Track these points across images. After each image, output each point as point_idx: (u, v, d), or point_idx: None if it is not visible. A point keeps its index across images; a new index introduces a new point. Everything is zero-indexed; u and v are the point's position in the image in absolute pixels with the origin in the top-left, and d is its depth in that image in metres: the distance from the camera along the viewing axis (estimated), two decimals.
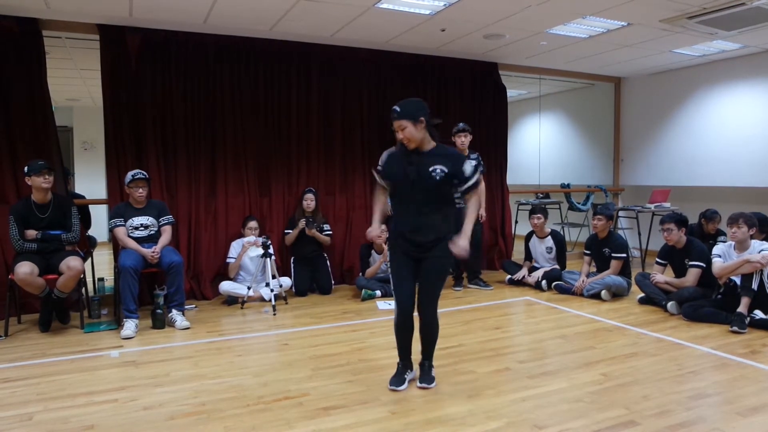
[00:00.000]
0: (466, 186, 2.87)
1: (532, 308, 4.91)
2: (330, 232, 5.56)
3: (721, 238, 5.46)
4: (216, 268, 5.34)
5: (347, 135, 5.95)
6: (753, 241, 4.23)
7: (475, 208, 2.89)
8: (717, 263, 4.31)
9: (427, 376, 3.04)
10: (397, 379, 3.01)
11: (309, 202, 5.42)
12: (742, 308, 4.05)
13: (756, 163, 6.32)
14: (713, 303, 4.37)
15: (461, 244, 2.80)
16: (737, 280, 4.21)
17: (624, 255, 5.18)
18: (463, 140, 5.28)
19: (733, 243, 4.29)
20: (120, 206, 4.53)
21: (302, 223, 5.35)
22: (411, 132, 2.83)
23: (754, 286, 4.06)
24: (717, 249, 4.42)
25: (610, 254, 5.20)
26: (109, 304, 4.85)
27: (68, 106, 8.90)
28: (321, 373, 3.25)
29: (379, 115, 6.08)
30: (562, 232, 6.44)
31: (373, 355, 3.58)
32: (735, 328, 3.97)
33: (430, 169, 2.83)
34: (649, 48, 5.98)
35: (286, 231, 5.48)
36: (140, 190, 4.46)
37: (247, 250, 5.15)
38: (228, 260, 5.19)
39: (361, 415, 2.68)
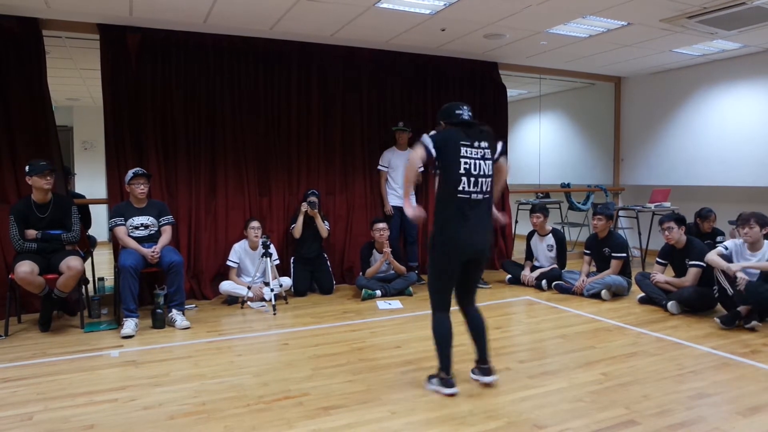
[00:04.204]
0: None
1: (532, 308, 4.91)
2: (328, 229, 5.55)
3: (719, 238, 5.46)
4: (216, 268, 5.33)
5: (347, 135, 5.94)
6: (766, 242, 4.20)
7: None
8: (718, 260, 4.24)
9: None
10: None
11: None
12: (743, 308, 4.05)
13: (756, 163, 6.32)
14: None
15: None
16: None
17: (624, 255, 5.18)
18: None
19: (746, 243, 4.22)
20: (120, 206, 4.53)
21: (304, 206, 5.33)
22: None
23: None
24: (728, 243, 4.35)
25: (610, 254, 5.20)
26: (109, 304, 4.85)
27: (68, 106, 8.90)
28: (321, 373, 3.25)
29: (379, 115, 6.08)
30: (562, 231, 6.43)
31: (373, 355, 3.58)
32: (718, 320, 4.03)
33: None
34: (649, 48, 5.98)
35: (291, 226, 5.46)
36: (141, 187, 4.46)
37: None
38: (228, 263, 5.17)
39: (361, 415, 2.68)
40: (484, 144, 2.88)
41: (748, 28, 5.16)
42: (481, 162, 2.86)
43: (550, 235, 5.76)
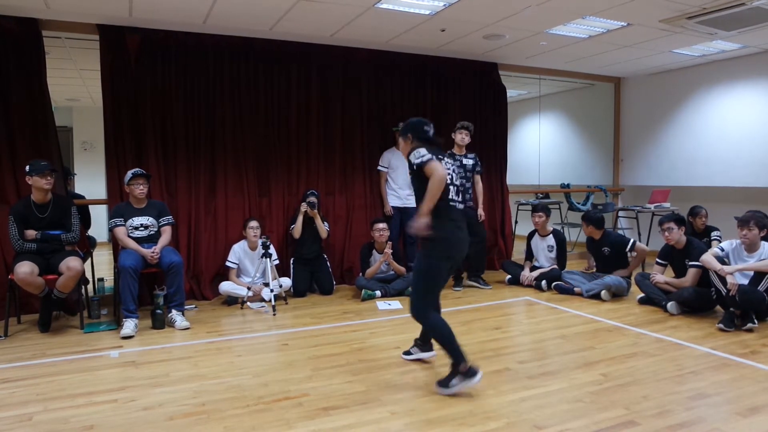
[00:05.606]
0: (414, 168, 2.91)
1: (532, 308, 4.91)
2: (328, 229, 5.54)
3: (714, 234, 5.47)
4: (216, 268, 5.33)
5: (347, 135, 5.94)
6: (763, 242, 4.20)
7: (430, 190, 2.80)
8: (712, 262, 4.24)
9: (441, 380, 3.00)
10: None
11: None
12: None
13: (756, 163, 6.32)
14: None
15: (414, 223, 2.87)
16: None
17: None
18: (463, 137, 5.29)
19: (743, 244, 4.22)
20: (120, 206, 4.53)
21: (304, 206, 5.33)
22: (400, 145, 3.23)
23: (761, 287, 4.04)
24: (725, 244, 4.35)
25: (609, 253, 5.21)
26: (109, 304, 4.85)
27: (68, 106, 8.91)
28: (321, 373, 3.25)
29: (379, 115, 6.08)
30: (562, 232, 6.44)
31: (373, 356, 3.58)
32: (721, 326, 4.03)
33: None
34: (649, 48, 5.98)
35: (291, 227, 5.46)
36: (141, 187, 4.46)
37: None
38: (228, 264, 5.17)
39: (361, 415, 2.68)
40: (445, 159, 3.05)
41: (747, 29, 5.16)
42: (452, 173, 3.09)
43: (551, 235, 5.76)
